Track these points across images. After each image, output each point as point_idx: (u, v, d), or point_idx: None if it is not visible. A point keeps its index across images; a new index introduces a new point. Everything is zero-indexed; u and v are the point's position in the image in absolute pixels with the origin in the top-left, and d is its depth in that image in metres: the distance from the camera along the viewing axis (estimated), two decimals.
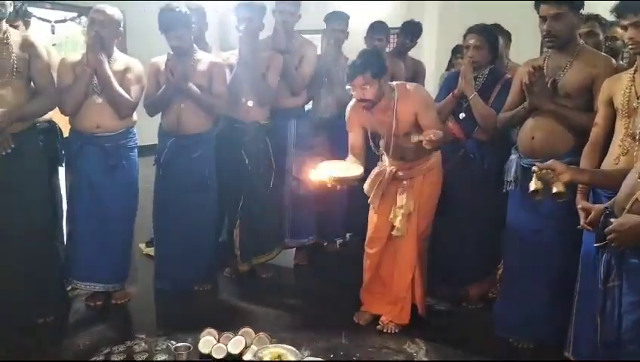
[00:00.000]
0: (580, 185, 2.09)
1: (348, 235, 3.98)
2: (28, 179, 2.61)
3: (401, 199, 2.64)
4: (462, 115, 2.88)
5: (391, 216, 2.67)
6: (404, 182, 2.66)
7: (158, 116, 3.10)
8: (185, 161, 3.03)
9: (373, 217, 2.77)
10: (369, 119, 2.64)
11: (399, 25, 4.05)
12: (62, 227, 3.02)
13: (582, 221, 1.98)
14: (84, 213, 2.84)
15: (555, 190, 1.80)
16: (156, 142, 3.17)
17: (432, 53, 5.75)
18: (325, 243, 3.91)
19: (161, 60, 2.99)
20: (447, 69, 4.50)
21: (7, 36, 2.52)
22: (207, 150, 3.10)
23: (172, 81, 2.87)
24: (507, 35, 3.38)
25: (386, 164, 2.72)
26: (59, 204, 2.97)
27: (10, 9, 2.59)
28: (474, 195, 2.87)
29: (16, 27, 2.82)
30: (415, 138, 2.47)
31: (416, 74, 4.11)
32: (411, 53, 4.14)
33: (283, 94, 3.41)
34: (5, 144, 2.48)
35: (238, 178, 3.23)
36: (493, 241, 2.94)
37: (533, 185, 1.86)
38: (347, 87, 2.56)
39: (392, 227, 2.67)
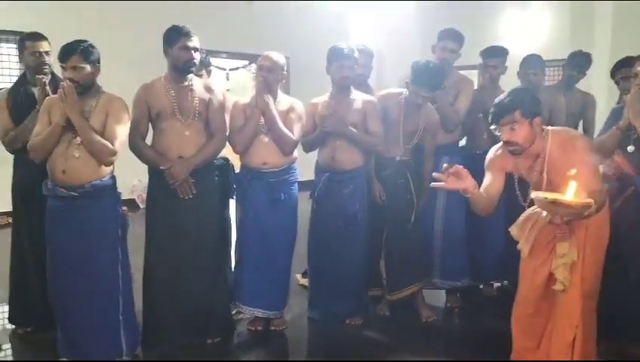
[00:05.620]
0: None
1: (506, 281, 3.72)
2: (203, 210, 2.86)
3: (562, 247, 2.27)
4: (630, 148, 2.60)
5: (553, 267, 2.31)
6: (564, 227, 2.26)
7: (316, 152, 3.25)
8: (337, 195, 3.13)
9: (526, 271, 2.42)
10: (515, 164, 2.37)
11: (565, 56, 3.81)
12: (230, 254, 3.28)
13: None
14: (250, 242, 3.05)
15: None
16: (312, 177, 3.31)
17: (602, 85, 5.29)
18: (481, 286, 3.72)
19: (320, 100, 3.16)
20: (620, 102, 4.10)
21: (191, 83, 2.85)
22: (359, 186, 3.17)
23: (329, 129, 3.02)
24: None
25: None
26: (228, 233, 3.25)
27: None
28: None
29: (200, 76, 3.19)
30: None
31: (585, 108, 3.80)
32: (580, 86, 3.86)
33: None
34: (188, 190, 2.77)
35: (379, 213, 3.24)
36: None
37: None
38: (492, 127, 2.28)
39: (550, 280, 2.31)
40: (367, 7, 7.58)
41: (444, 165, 2.27)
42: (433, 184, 2.28)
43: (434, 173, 2.30)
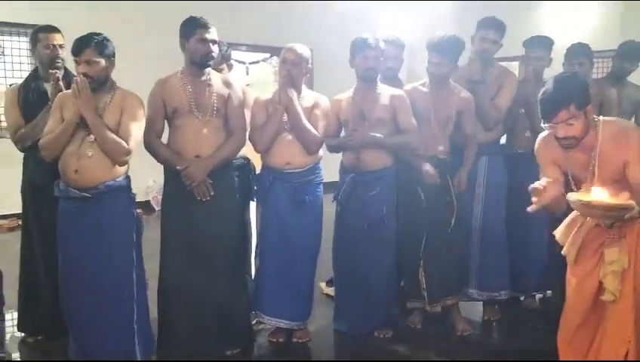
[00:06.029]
0: None
1: (549, 292, 3.48)
2: (222, 213, 2.73)
3: (611, 253, 2.10)
4: None
5: (601, 275, 2.13)
6: (613, 231, 2.11)
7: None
8: (362, 198, 2.96)
9: (573, 280, 2.23)
10: (566, 159, 2.18)
11: (614, 47, 3.58)
12: (250, 260, 3.14)
13: None
14: (272, 247, 2.91)
15: None
16: (336, 178, 3.14)
17: None
18: (522, 298, 3.46)
19: (344, 97, 3.01)
20: None
21: (209, 78, 2.72)
22: (387, 187, 2.99)
23: (356, 145, 2.88)
24: None
25: None
26: (249, 237, 3.11)
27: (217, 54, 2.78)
28: None
29: (220, 70, 3.05)
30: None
31: (639, 103, 3.53)
32: (632, 79, 3.60)
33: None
34: (206, 191, 2.64)
35: (416, 216, 3.02)
36: None
37: None
38: (544, 124, 2.08)
39: (600, 289, 2.13)
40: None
41: (530, 186, 2.06)
42: (530, 209, 2.06)
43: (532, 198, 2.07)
